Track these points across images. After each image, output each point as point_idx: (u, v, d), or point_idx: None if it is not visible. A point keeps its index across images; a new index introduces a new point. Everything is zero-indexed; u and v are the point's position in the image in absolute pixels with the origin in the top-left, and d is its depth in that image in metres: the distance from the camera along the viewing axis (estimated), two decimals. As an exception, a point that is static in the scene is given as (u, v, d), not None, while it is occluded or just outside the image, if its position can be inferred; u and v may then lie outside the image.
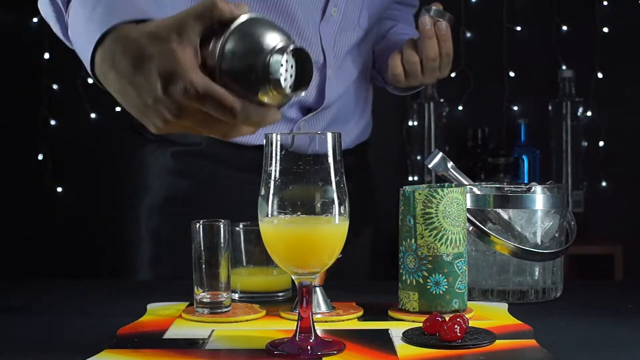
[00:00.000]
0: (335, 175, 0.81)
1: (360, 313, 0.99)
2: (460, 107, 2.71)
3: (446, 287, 0.96)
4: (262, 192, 0.81)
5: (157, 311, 1.01)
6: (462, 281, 0.97)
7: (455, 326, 0.83)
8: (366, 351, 0.82)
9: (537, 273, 1.09)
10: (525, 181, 2.57)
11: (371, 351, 0.82)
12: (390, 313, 0.99)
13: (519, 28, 2.72)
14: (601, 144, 3.10)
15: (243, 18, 0.77)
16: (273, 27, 0.78)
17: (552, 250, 1.07)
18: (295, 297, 0.94)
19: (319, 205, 0.80)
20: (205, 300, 0.99)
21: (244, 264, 1.11)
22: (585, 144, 3.09)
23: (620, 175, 3.12)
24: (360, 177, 1.38)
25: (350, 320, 0.97)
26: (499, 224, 1.07)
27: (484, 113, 2.71)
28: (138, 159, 1.36)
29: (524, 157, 2.61)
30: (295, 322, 0.84)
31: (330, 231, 0.81)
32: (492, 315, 0.99)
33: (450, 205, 0.96)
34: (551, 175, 2.63)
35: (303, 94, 0.79)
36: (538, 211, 1.08)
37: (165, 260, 1.29)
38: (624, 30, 3.08)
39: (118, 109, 3.15)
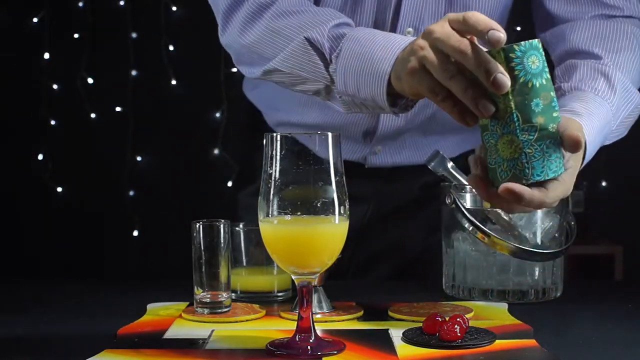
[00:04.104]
0: (335, 175, 0.81)
1: (360, 313, 0.99)
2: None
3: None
4: (262, 192, 0.81)
5: (157, 311, 1.01)
6: (492, 155, 0.87)
7: (455, 326, 0.83)
8: (366, 351, 0.82)
9: (537, 273, 1.09)
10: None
11: (371, 351, 0.82)
12: (390, 313, 0.99)
13: (519, 28, 2.72)
14: (601, 144, 3.10)
15: None
16: None
17: (552, 250, 1.07)
18: (295, 297, 0.94)
19: (319, 205, 0.80)
20: (205, 300, 0.99)
21: (244, 264, 1.11)
22: (586, 144, 3.09)
23: (620, 175, 3.12)
24: None
25: (350, 320, 0.97)
26: (499, 224, 1.07)
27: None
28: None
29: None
30: (295, 322, 0.84)
31: (330, 231, 0.81)
32: (492, 315, 0.99)
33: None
34: (551, 175, 2.62)
35: None
36: (538, 211, 1.07)
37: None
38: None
39: (118, 109, 3.15)
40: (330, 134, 0.81)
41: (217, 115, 3.16)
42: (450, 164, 1.11)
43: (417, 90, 0.92)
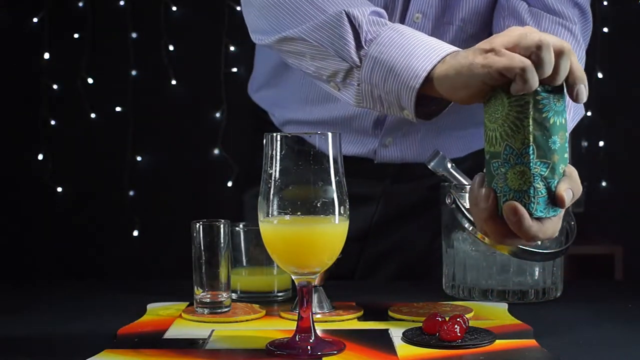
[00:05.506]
0: (335, 176, 0.81)
1: (360, 313, 0.99)
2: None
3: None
4: (262, 192, 0.81)
5: (157, 311, 1.01)
6: (498, 183, 0.86)
7: (455, 326, 0.83)
8: (366, 351, 0.82)
9: (537, 273, 1.09)
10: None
11: (371, 351, 0.82)
12: (390, 313, 0.99)
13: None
14: (601, 144, 3.10)
15: None
16: None
17: (552, 250, 1.07)
18: (295, 297, 0.94)
19: (318, 205, 0.80)
20: (205, 300, 0.99)
21: (244, 264, 1.11)
22: (585, 144, 3.09)
23: (620, 175, 3.12)
24: None
25: (350, 320, 0.97)
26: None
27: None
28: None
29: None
30: (295, 322, 0.84)
31: (330, 231, 0.81)
32: (492, 315, 0.99)
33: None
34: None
35: None
36: (538, 211, 1.07)
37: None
38: (624, 30, 3.08)
39: (118, 108, 3.15)
40: (330, 134, 0.81)
41: (217, 115, 3.16)
42: (450, 164, 1.11)
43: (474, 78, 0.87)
